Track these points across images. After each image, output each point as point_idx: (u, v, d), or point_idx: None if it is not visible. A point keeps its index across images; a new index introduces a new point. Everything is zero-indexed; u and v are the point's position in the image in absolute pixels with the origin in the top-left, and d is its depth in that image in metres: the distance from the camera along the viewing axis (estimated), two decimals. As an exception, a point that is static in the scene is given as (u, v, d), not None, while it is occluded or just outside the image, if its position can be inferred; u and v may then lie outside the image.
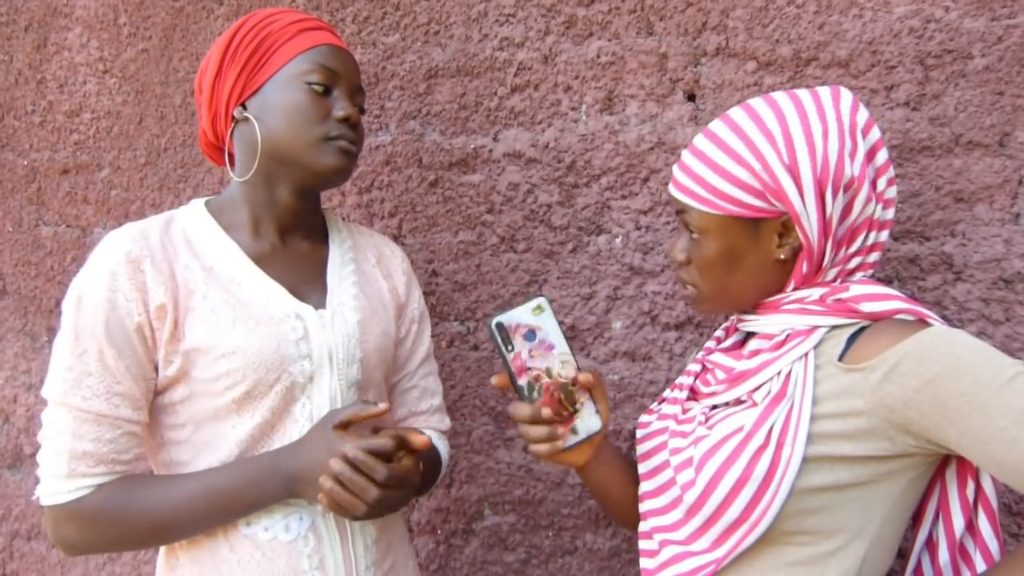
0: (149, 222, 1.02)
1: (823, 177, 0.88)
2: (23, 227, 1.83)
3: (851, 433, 0.85)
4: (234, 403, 0.97)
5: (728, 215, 0.91)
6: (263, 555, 0.98)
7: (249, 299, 1.01)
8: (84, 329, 0.94)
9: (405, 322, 1.19)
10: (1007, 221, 1.11)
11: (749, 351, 0.97)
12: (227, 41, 1.04)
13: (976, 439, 0.79)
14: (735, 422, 0.91)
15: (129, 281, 0.95)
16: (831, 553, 0.87)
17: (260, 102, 1.04)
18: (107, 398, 0.94)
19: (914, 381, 0.81)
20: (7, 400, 1.90)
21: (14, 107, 1.81)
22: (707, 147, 0.93)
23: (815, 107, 0.90)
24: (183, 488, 0.96)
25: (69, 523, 0.95)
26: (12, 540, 1.93)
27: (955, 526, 0.92)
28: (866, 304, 0.89)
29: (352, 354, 1.06)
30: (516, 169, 1.39)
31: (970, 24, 1.10)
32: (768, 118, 0.90)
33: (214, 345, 0.96)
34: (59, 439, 0.94)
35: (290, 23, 1.05)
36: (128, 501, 0.95)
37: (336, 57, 1.06)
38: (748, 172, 0.89)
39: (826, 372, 0.88)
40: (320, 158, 1.03)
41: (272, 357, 0.98)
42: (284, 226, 1.09)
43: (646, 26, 1.29)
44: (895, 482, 0.87)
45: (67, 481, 0.94)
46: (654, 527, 0.96)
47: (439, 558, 1.51)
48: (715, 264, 0.94)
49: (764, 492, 0.85)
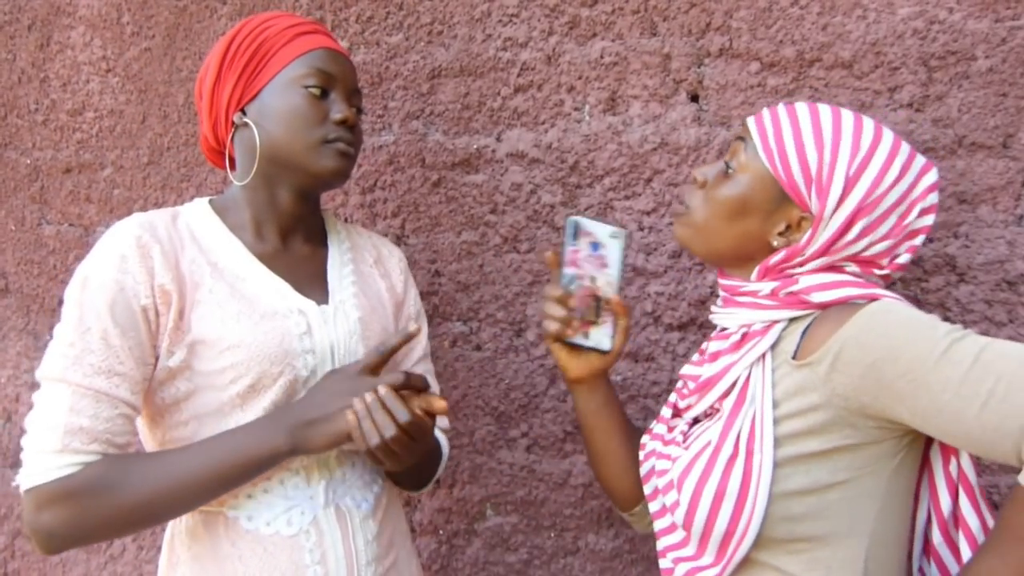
0: (155, 214, 1.03)
1: (864, 209, 0.89)
2: (26, 226, 1.84)
3: (815, 428, 0.85)
4: (238, 397, 0.97)
5: (773, 174, 0.92)
6: (265, 550, 0.98)
7: (254, 294, 1.01)
8: (89, 308, 0.93)
9: (402, 320, 1.20)
10: (1011, 223, 1.11)
11: (710, 354, 0.98)
12: (224, 47, 1.05)
13: (926, 415, 0.80)
14: (704, 438, 0.92)
15: (139, 264, 0.95)
16: (831, 557, 0.87)
17: (259, 107, 1.05)
18: (108, 376, 0.92)
19: (857, 368, 0.82)
20: (9, 399, 1.90)
21: (17, 106, 1.81)
22: (803, 115, 0.93)
23: (904, 158, 0.91)
24: (180, 454, 0.95)
25: (50, 506, 0.89)
26: (14, 539, 1.93)
27: (942, 505, 0.93)
28: (816, 294, 0.90)
29: (354, 350, 1.06)
30: (519, 169, 1.39)
31: (974, 26, 1.10)
32: (866, 133, 0.91)
33: (220, 338, 0.96)
34: (54, 414, 0.90)
35: (286, 27, 1.06)
36: (123, 473, 0.91)
37: (332, 60, 1.06)
38: (816, 156, 0.90)
39: (782, 372, 0.89)
40: (319, 161, 1.03)
41: (276, 351, 0.98)
42: (285, 228, 1.10)
43: (649, 27, 1.29)
44: (877, 476, 0.87)
45: (57, 456, 0.89)
46: (666, 546, 0.98)
47: (441, 558, 1.51)
48: (726, 203, 0.95)
49: (744, 503, 0.86)
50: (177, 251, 1.00)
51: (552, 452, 1.42)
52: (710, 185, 0.98)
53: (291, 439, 0.95)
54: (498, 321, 1.43)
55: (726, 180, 0.96)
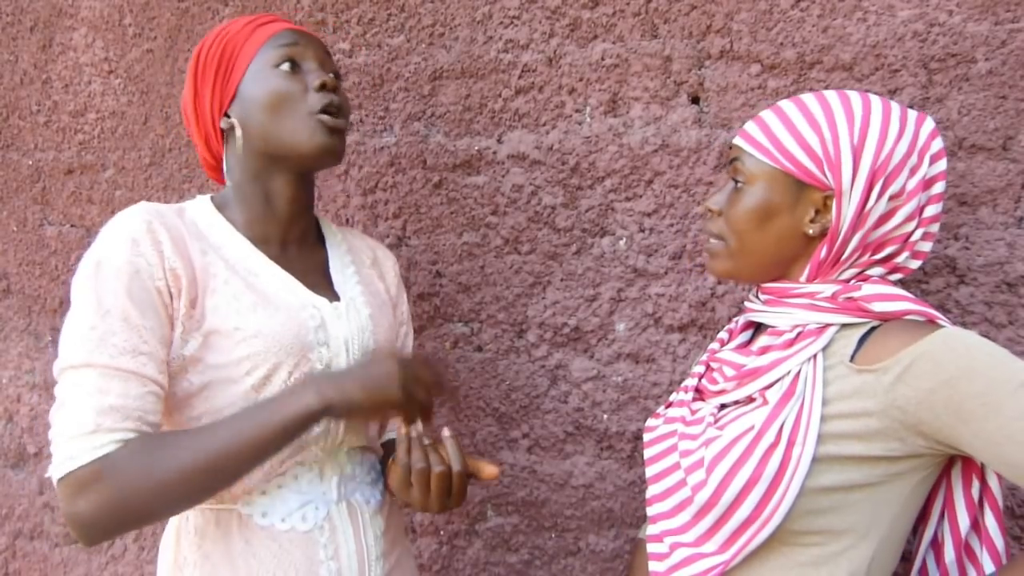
0: (160, 205, 1.03)
1: (879, 170, 0.90)
2: (27, 227, 1.84)
3: (862, 433, 0.85)
4: (253, 389, 0.96)
5: (780, 169, 0.93)
6: (280, 546, 0.98)
7: (267, 288, 1.02)
8: (106, 291, 0.90)
9: (395, 324, 1.21)
10: (1010, 224, 1.11)
11: (759, 347, 0.97)
12: (194, 63, 1.07)
13: (990, 440, 0.79)
14: (746, 422, 0.91)
15: (151, 247, 0.94)
16: (840, 553, 0.87)
17: (240, 105, 1.05)
18: (133, 356, 0.89)
19: (928, 383, 0.82)
20: (11, 400, 1.90)
21: (19, 107, 1.81)
22: (788, 108, 0.95)
23: (899, 114, 0.92)
24: (219, 424, 0.91)
25: (91, 489, 0.84)
26: (15, 539, 1.94)
27: (960, 525, 0.93)
28: (878, 304, 0.89)
29: (366, 345, 1.07)
30: (520, 171, 1.39)
31: (974, 28, 1.11)
32: (856, 103, 0.92)
33: (236, 328, 0.96)
34: (82, 399, 0.87)
35: (244, 25, 1.07)
36: (160, 447, 0.88)
37: (296, 36, 1.07)
38: (817, 137, 0.91)
39: (837, 372, 0.89)
40: (311, 138, 1.02)
41: (293, 342, 0.98)
42: (282, 230, 1.09)
43: (650, 29, 1.29)
44: (904, 483, 0.87)
45: (91, 438, 0.85)
46: (664, 530, 0.96)
47: (442, 559, 1.52)
48: (750, 215, 0.95)
49: (774, 491, 0.85)
50: (186, 239, 0.99)
51: (553, 453, 1.42)
52: (727, 207, 0.97)
53: (322, 394, 0.92)
54: (499, 322, 1.44)
55: (740, 196, 0.96)
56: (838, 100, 0.93)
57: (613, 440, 1.37)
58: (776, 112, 0.96)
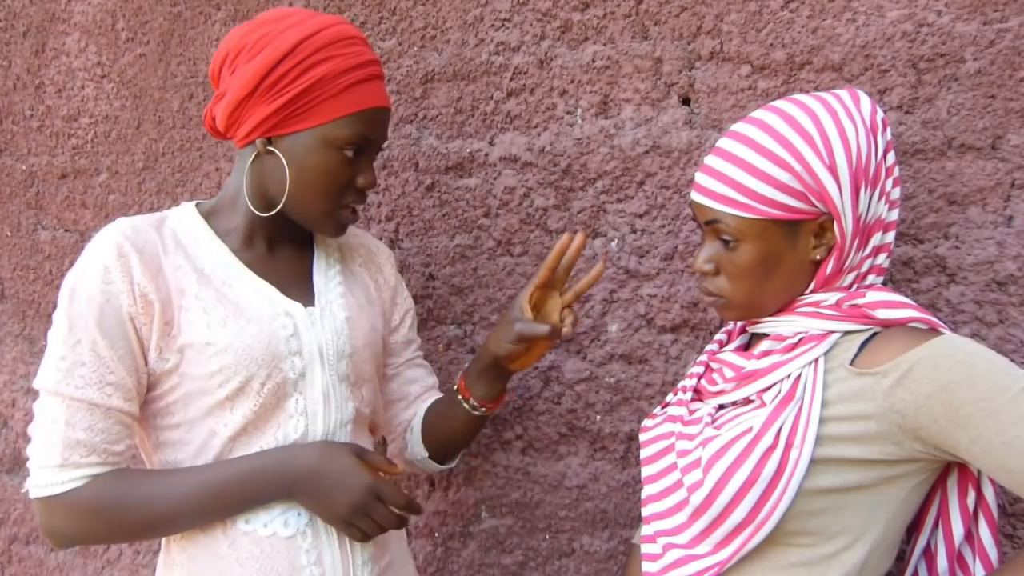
0: (141, 219, 1.04)
1: (858, 175, 0.89)
2: (21, 231, 1.84)
3: (860, 436, 0.85)
4: (227, 399, 0.99)
5: (768, 218, 0.90)
6: (262, 551, 0.99)
7: (240, 299, 1.02)
8: (78, 320, 0.96)
9: (399, 311, 1.24)
10: (1000, 224, 1.12)
11: (760, 351, 0.97)
12: (273, 63, 0.97)
13: (988, 446, 0.79)
14: (744, 423, 0.91)
15: (121, 273, 0.97)
16: (833, 555, 0.88)
17: (289, 146, 1.01)
18: (99, 387, 0.95)
19: (927, 387, 0.82)
20: (5, 404, 1.90)
21: (12, 112, 1.81)
22: (739, 150, 0.91)
23: (842, 107, 0.91)
24: (183, 480, 0.98)
25: (61, 515, 0.95)
26: (11, 544, 1.93)
27: (954, 534, 0.93)
28: (881, 311, 0.89)
29: (342, 350, 1.08)
30: (512, 173, 1.39)
31: (962, 28, 1.11)
32: (801, 119, 0.90)
33: (207, 343, 0.98)
34: (52, 428, 0.95)
35: (344, 71, 1.00)
36: (125, 493, 0.96)
37: (376, 122, 1.04)
38: (789, 174, 0.89)
39: (836, 375, 0.89)
40: (327, 223, 1.06)
41: (263, 354, 0.99)
42: (274, 236, 1.10)
43: (641, 31, 1.29)
44: (899, 488, 0.87)
45: (60, 472, 0.94)
46: (658, 531, 0.97)
47: (437, 561, 1.52)
48: (752, 271, 0.93)
49: (771, 493, 0.86)
50: (160, 257, 1.00)
51: (547, 454, 1.42)
52: (724, 266, 0.95)
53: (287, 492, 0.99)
54: (492, 324, 1.44)
55: (736, 255, 0.93)
56: (783, 124, 0.90)
57: (606, 441, 1.37)
58: (727, 158, 0.92)
